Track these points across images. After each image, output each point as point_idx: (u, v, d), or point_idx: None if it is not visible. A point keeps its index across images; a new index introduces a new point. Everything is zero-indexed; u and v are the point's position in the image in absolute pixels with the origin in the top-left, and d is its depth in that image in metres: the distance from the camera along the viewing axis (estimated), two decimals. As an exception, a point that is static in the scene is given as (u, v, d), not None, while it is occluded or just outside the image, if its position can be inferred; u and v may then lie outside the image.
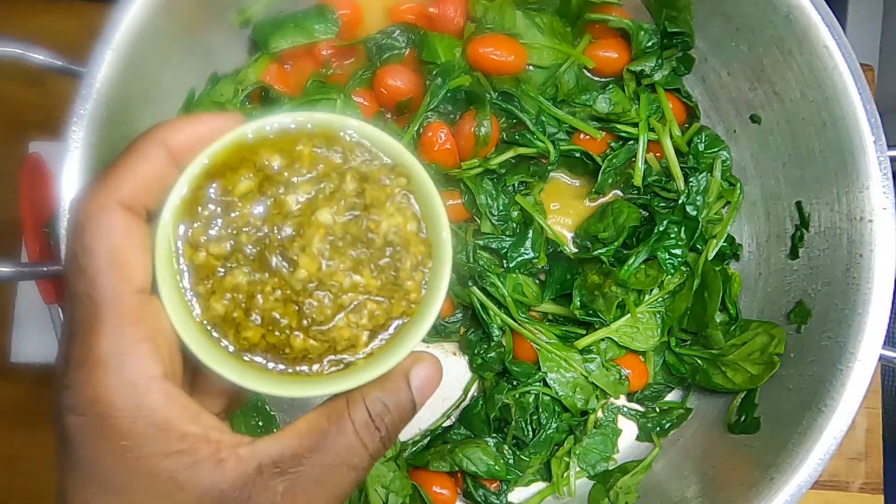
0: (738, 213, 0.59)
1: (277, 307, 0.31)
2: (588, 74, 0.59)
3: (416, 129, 0.55)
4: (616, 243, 0.56)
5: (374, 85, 0.56)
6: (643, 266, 0.56)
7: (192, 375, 0.32)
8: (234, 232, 0.31)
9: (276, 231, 0.31)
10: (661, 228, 0.55)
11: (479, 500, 0.56)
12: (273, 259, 0.30)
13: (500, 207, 0.56)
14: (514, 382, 0.56)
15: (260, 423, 0.56)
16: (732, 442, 0.54)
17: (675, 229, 0.56)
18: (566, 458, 0.57)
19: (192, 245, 0.30)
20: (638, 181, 0.57)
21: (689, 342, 0.57)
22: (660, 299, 0.57)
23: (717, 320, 0.55)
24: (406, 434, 0.57)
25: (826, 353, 0.49)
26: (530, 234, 0.56)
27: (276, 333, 0.31)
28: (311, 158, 0.31)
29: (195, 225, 0.30)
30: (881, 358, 0.47)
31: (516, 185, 0.57)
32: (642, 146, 0.57)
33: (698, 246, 0.57)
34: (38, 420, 0.63)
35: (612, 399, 0.58)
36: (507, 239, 0.57)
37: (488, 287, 0.56)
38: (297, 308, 0.31)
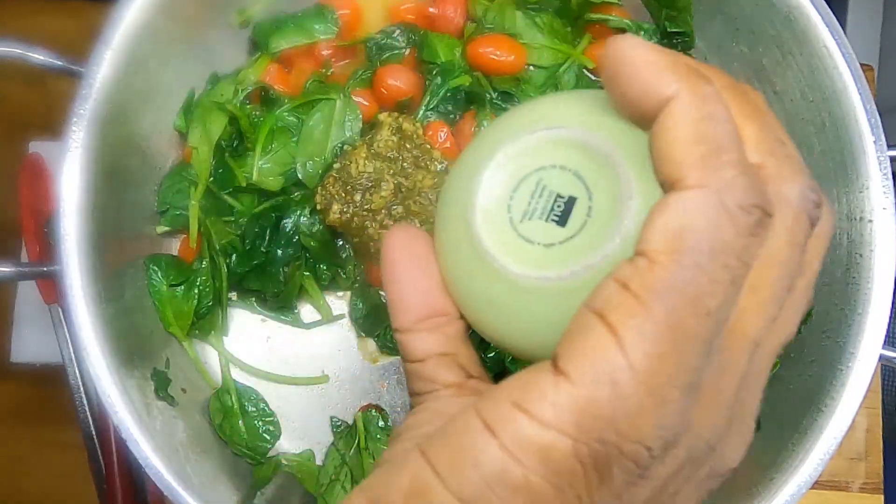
0: (738, 213, 0.59)
1: None
2: (588, 74, 0.59)
3: (416, 129, 0.55)
4: (616, 243, 0.56)
5: (374, 85, 0.56)
6: (643, 266, 0.56)
7: None
8: None
9: None
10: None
11: (479, 500, 0.55)
12: None
13: (500, 207, 0.56)
14: (514, 382, 0.56)
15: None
16: (732, 442, 0.54)
17: (675, 229, 0.56)
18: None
19: None
20: (638, 181, 0.57)
21: (689, 342, 0.57)
22: (660, 299, 0.57)
23: (717, 320, 0.55)
24: (406, 434, 0.57)
25: (826, 353, 0.49)
26: (530, 234, 0.56)
27: None
28: None
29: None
30: (881, 358, 0.47)
31: (516, 185, 0.57)
32: (642, 146, 0.56)
33: (698, 246, 0.57)
34: (38, 420, 0.63)
35: (612, 399, 0.58)
36: (507, 239, 0.57)
37: (488, 287, 0.56)
38: None
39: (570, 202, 0.24)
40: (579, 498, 0.21)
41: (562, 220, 0.24)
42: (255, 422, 0.55)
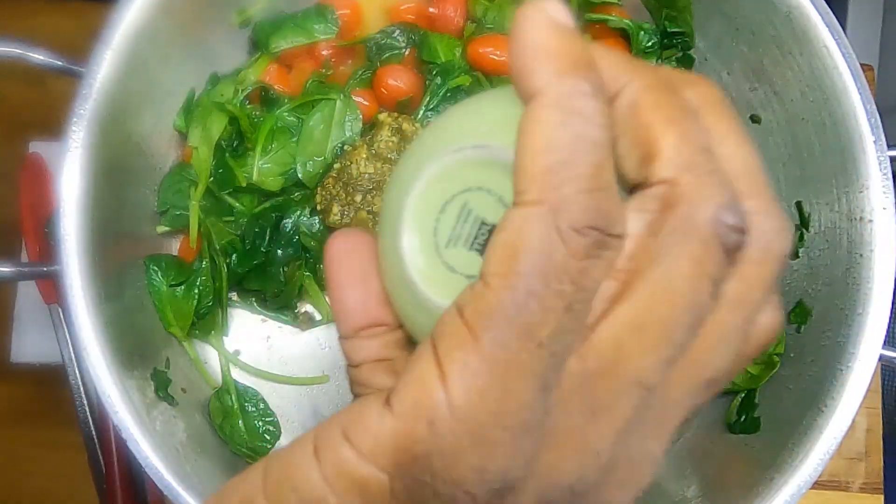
0: (738, 213, 0.59)
1: None
2: (588, 74, 0.59)
3: (416, 129, 0.55)
4: (616, 243, 0.56)
5: (374, 85, 0.56)
6: (643, 266, 0.56)
7: None
8: None
9: None
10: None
11: (479, 500, 0.55)
12: None
13: (500, 207, 0.56)
14: (514, 382, 0.56)
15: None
16: (732, 442, 0.54)
17: (675, 229, 0.56)
18: (566, 458, 0.57)
19: None
20: (638, 181, 0.57)
21: (689, 342, 0.57)
22: (660, 299, 0.57)
23: (717, 320, 0.55)
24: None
25: (826, 353, 0.49)
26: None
27: None
28: None
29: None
30: (881, 358, 0.47)
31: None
32: (642, 146, 0.56)
33: (698, 246, 0.57)
34: (39, 420, 0.63)
35: (612, 399, 0.58)
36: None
37: (488, 287, 0.56)
38: None
39: (491, 231, 0.22)
40: None
41: (484, 250, 0.22)
42: (255, 422, 0.55)
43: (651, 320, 0.19)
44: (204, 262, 0.54)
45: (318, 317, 0.58)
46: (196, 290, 0.54)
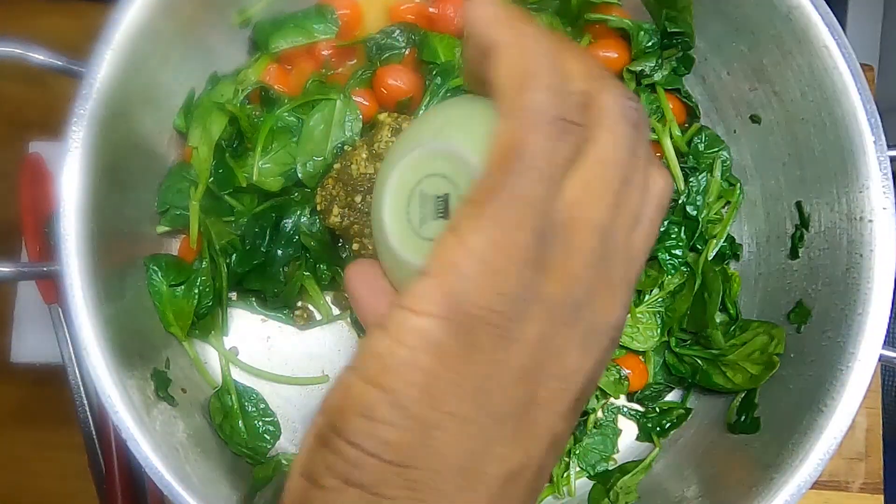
0: (738, 213, 0.59)
1: None
2: (588, 74, 0.59)
3: (416, 129, 0.55)
4: (616, 243, 0.56)
5: (374, 85, 0.56)
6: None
7: None
8: None
9: None
10: (661, 228, 0.55)
11: (479, 500, 0.55)
12: None
13: (500, 207, 0.56)
14: (514, 382, 0.56)
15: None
16: (732, 442, 0.54)
17: (676, 229, 0.56)
18: (566, 459, 0.57)
19: None
20: (638, 181, 0.57)
21: (689, 342, 0.57)
22: (660, 299, 0.57)
23: (717, 320, 0.55)
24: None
25: (826, 353, 0.49)
26: (530, 234, 0.56)
27: None
28: None
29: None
30: (881, 358, 0.47)
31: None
32: (642, 146, 0.57)
33: (698, 246, 0.57)
34: (38, 420, 0.63)
35: (612, 399, 0.58)
36: (507, 239, 0.57)
37: (488, 287, 0.56)
38: None
39: (446, 198, 0.30)
40: (456, 370, 0.25)
41: (446, 214, 0.30)
42: (255, 422, 0.55)
43: (594, 178, 0.27)
44: (204, 262, 0.54)
45: (317, 316, 0.58)
46: (196, 290, 0.54)
